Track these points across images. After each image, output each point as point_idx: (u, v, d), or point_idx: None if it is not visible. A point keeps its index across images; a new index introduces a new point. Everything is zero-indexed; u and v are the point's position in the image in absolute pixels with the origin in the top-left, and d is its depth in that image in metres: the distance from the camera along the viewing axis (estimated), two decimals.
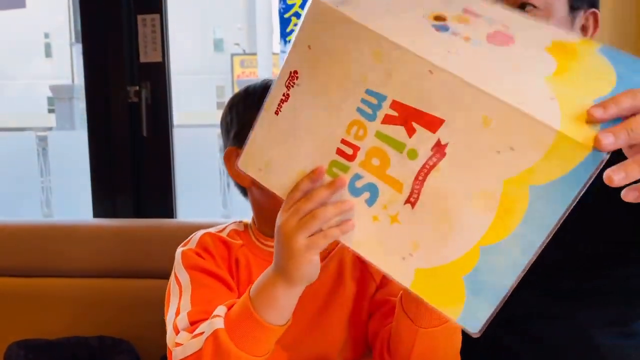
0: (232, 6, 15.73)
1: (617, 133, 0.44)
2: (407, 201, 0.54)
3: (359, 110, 0.55)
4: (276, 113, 0.59)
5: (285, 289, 0.60)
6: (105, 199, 1.45)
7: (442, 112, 0.51)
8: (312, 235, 0.57)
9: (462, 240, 0.52)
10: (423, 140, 0.52)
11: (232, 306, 0.64)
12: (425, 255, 0.54)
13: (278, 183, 0.60)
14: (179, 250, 0.76)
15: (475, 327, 0.53)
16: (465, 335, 0.81)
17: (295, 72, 0.57)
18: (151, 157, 1.44)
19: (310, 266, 0.58)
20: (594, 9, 0.85)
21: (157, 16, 1.40)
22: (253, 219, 0.80)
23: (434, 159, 0.52)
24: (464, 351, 0.77)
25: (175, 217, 1.46)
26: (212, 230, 0.79)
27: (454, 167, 0.51)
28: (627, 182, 0.45)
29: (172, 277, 0.74)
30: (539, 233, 0.49)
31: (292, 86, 0.58)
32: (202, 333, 0.63)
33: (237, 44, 14.90)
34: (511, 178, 0.48)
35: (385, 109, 0.54)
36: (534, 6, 0.79)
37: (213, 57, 15.66)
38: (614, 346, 0.79)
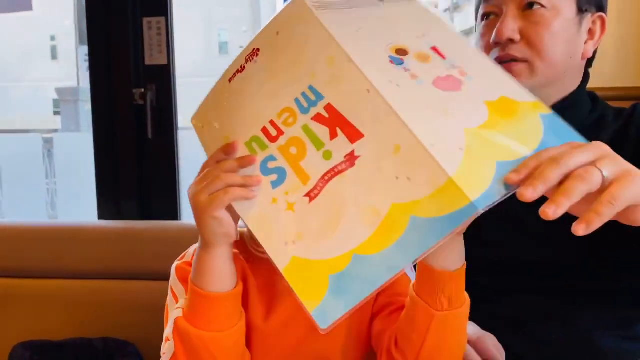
0: (237, 9, 15.77)
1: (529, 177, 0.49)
2: (308, 194, 0.58)
3: (297, 100, 0.60)
4: (229, 80, 0.65)
5: (205, 252, 0.63)
6: (110, 200, 1.46)
7: (364, 129, 0.56)
8: (213, 193, 0.60)
9: (341, 242, 0.56)
10: (340, 146, 0.57)
11: None
12: (305, 247, 0.58)
13: (207, 143, 0.66)
14: (174, 264, 0.77)
15: (324, 323, 0.56)
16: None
17: (258, 49, 0.63)
18: (156, 159, 1.45)
19: (215, 222, 0.61)
20: (601, 13, 0.85)
21: (162, 19, 1.40)
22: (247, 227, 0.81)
23: (344, 166, 0.56)
24: None
25: (180, 219, 1.47)
26: None
27: (357, 178, 0.56)
28: (561, 213, 0.49)
29: (169, 292, 0.75)
30: (404, 259, 0.53)
31: (251, 61, 0.63)
32: (169, 333, 0.66)
33: (242, 47, 14.91)
34: (399, 203, 0.53)
35: (319, 108, 0.58)
36: (542, 5, 0.80)
37: (218, 60, 15.70)
38: (618, 349, 0.78)
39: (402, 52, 0.62)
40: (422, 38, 0.64)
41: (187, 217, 1.49)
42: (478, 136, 0.54)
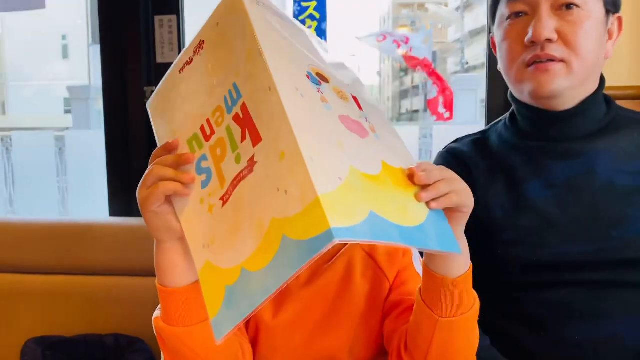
0: None
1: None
2: (222, 198, 0.58)
3: (225, 99, 0.59)
4: (180, 71, 0.65)
5: (156, 247, 0.64)
6: (121, 198, 1.46)
7: (263, 131, 0.54)
8: (150, 187, 0.60)
9: (236, 254, 0.55)
10: (246, 150, 0.56)
11: None
12: (216, 251, 0.57)
13: (159, 133, 0.67)
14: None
15: (219, 334, 0.54)
16: (486, 334, 0.80)
17: (203, 42, 0.63)
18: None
19: (155, 217, 0.61)
20: (618, 14, 0.86)
21: (174, 17, 1.41)
22: None
23: (246, 172, 0.55)
24: (486, 351, 0.77)
25: None
26: None
27: (253, 186, 0.54)
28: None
29: None
30: (274, 282, 0.50)
31: (197, 54, 0.63)
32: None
33: None
34: (277, 218, 0.51)
35: (238, 108, 0.57)
36: (578, 6, 0.80)
37: None
38: None
39: (322, 77, 0.61)
40: (346, 85, 0.64)
41: None
42: (362, 179, 0.53)
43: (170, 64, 1.52)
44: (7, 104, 16.89)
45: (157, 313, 0.66)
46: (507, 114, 0.94)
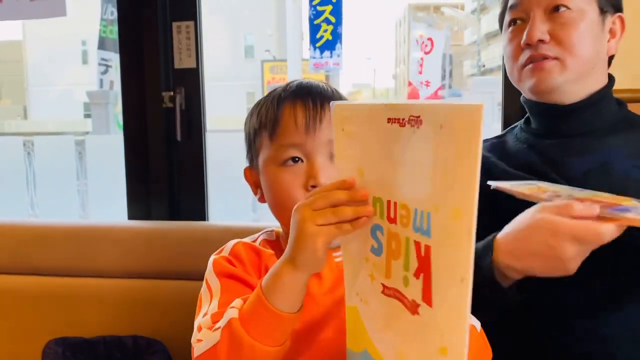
0: (263, 13, 15.89)
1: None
2: (384, 285, 0.58)
3: (415, 212, 0.53)
4: (388, 121, 0.56)
5: (291, 274, 0.62)
6: (140, 201, 1.48)
7: (436, 302, 0.52)
8: (323, 224, 0.59)
9: (379, 342, 0.59)
10: (415, 289, 0.53)
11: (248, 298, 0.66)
12: (365, 312, 0.61)
13: (340, 149, 0.62)
14: (212, 258, 0.78)
15: None
16: (515, 332, 0.80)
17: (421, 121, 0.52)
18: (185, 161, 1.47)
19: (313, 253, 0.60)
20: (620, 13, 0.90)
21: (191, 23, 1.42)
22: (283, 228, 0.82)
23: (407, 303, 0.54)
24: (516, 347, 0.76)
25: (207, 220, 1.49)
26: (245, 239, 0.81)
27: (409, 329, 0.54)
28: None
29: (204, 284, 0.76)
30: None
31: (412, 125, 0.53)
32: (219, 327, 0.65)
33: (268, 51, 15.03)
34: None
35: (423, 240, 0.52)
36: (568, 7, 0.85)
37: (244, 64, 15.82)
38: None
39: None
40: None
41: (214, 217, 1.52)
42: None
43: (188, 69, 1.55)
44: (29, 109, 17.19)
45: (234, 313, 0.65)
46: (522, 119, 0.99)
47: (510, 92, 1.32)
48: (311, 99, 0.75)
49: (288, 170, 0.73)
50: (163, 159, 1.46)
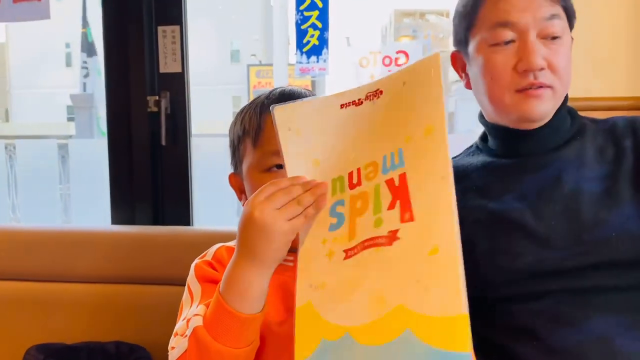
0: (249, 18, 15.88)
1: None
2: (346, 251, 0.58)
3: (384, 158, 0.58)
4: (341, 106, 0.63)
5: (259, 275, 0.63)
6: (124, 206, 1.47)
7: (418, 214, 0.54)
8: (291, 219, 0.60)
9: (343, 313, 0.56)
10: (391, 220, 0.56)
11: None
12: (322, 298, 0.59)
13: (288, 148, 0.64)
14: (194, 262, 0.78)
15: None
16: (479, 350, 0.81)
17: (381, 92, 0.61)
18: (169, 166, 1.46)
19: (284, 248, 0.62)
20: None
21: (177, 27, 1.42)
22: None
23: (382, 240, 0.56)
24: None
25: (192, 225, 1.48)
26: (228, 243, 0.81)
27: (387, 261, 0.55)
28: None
29: (185, 288, 0.76)
30: None
31: (370, 100, 0.61)
32: (187, 335, 0.66)
33: (254, 55, 15.02)
34: (405, 308, 0.52)
35: (396, 174, 0.57)
36: (559, 37, 0.84)
37: (230, 68, 15.79)
38: (637, 352, 0.77)
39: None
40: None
41: (199, 222, 1.51)
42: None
43: (173, 74, 1.55)
44: (12, 112, 16.94)
45: (198, 321, 0.65)
46: (478, 138, 0.98)
47: None
48: None
49: (271, 177, 0.74)
50: (147, 163, 1.45)
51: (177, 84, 1.44)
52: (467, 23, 0.89)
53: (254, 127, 0.77)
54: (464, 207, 0.86)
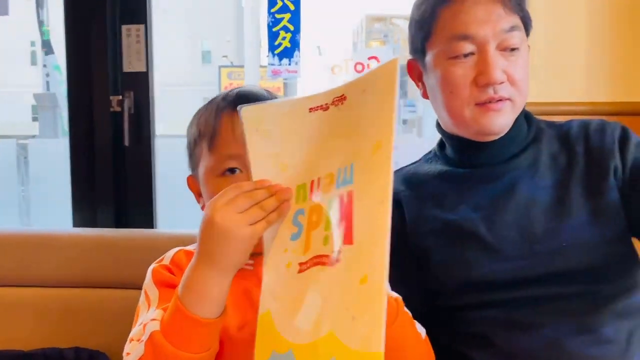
0: (221, 19, 15.79)
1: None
2: (301, 264, 0.58)
3: (339, 171, 0.57)
4: (310, 110, 0.61)
5: (220, 280, 0.62)
6: (86, 208, 1.44)
7: (357, 237, 0.53)
8: (253, 223, 0.59)
9: (291, 328, 0.56)
10: (336, 239, 0.55)
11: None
12: (278, 309, 0.59)
13: (254, 149, 0.62)
14: (151, 266, 0.77)
15: None
16: (438, 356, 0.82)
17: (345, 97, 0.59)
18: (132, 167, 1.44)
19: (245, 254, 0.61)
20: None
21: (141, 27, 1.40)
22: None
23: (327, 260, 0.55)
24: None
25: (155, 228, 1.46)
26: (187, 247, 0.80)
27: (328, 283, 0.54)
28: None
29: (142, 293, 0.75)
30: None
31: (335, 105, 0.59)
32: (143, 340, 0.64)
33: (225, 56, 14.93)
34: (334, 336, 0.53)
35: (345, 190, 0.56)
36: (518, 49, 0.84)
37: (201, 69, 15.66)
38: (587, 354, 0.79)
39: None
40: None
41: (163, 225, 1.49)
42: None
43: (138, 73, 1.53)
44: None
45: (155, 326, 0.64)
46: (436, 145, 0.97)
47: None
48: None
49: (228, 181, 0.73)
50: (110, 164, 1.43)
51: (141, 84, 1.42)
52: (424, 33, 0.87)
53: (210, 130, 0.76)
54: (419, 216, 0.88)
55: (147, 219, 1.44)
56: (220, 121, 0.75)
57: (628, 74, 1.25)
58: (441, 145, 0.96)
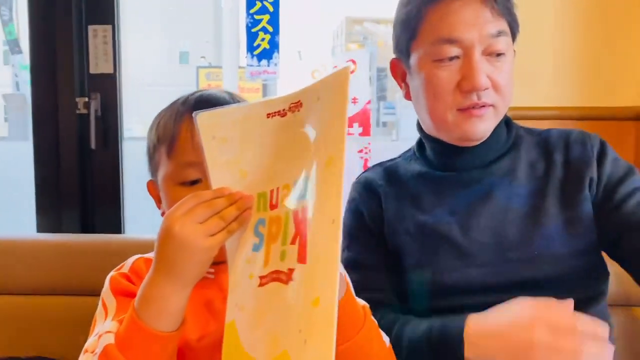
0: (200, 19, 15.69)
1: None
2: (261, 278, 0.56)
3: (296, 183, 0.55)
4: (268, 116, 0.59)
5: (178, 292, 0.60)
6: (51, 213, 1.41)
7: (310, 257, 0.52)
8: (213, 234, 0.58)
9: (253, 343, 0.56)
10: (291, 257, 0.54)
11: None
12: (242, 320, 0.58)
13: (213, 156, 0.60)
14: (110, 275, 0.74)
15: None
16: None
17: (301, 104, 0.57)
18: (99, 171, 1.41)
19: (205, 265, 0.59)
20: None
21: (109, 27, 1.38)
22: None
23: (283, 277, 0.54)
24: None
25: (124, 233, 1.43)
26: (147, 255, 0.78)
27: (282, 302, 0.53)
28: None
29: (99, 302, 0.72)
30: None
31: (292, 112, 0.58)
32: (97, 353, 0.62)
33: (203, 57, 14.83)
34: (288, 356, 0.52)
35: (300, 205, 0.54)
36: (504, 54, 0.82)
37: (179, 69, 15.53)
38: None
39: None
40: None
41: (132, 230, 1.46)
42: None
43: (105, 75, 1.50)
44: None
45: (109, 339, 0.61)
46: (416, 143, 0.96)
47: None
48: None
49: (187, 190, 0.71)
50: (76, 167, 1.40)
51: (108, 85, 1.39)
52: (409, 34, 0.85)
53: (168, 136, 0.73)
54: (397, 214, 0.87)
55: (114, 224, 1.41)
56: (179, 127, 0.73)
57: (594, 80, 1.27)
58: (420, 145, 0.95)
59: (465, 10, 0.80)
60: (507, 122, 0.91)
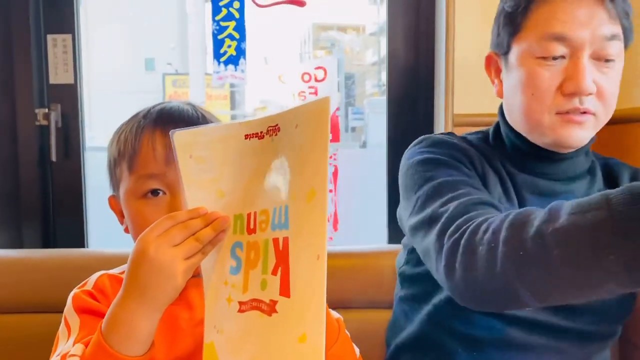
0: (165, 26, 15.51)
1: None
2: (240, 303, 0.56)
3: (274, 210, 0.55)
4: (246, 137, 0.58)
5: (149, 317, 0.59)
6: (10, 228, 1.36)
7: (294, 291, 0.52)
8: (189, 257, 0.57)
9: None
10: (272, 287, 0.53)
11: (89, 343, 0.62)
12: (222, 344, 0.57)
13: (189, 175, 0.60)
14: (72, 292, 0.73)
15: None
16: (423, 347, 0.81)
17: (278, 129, 0.56)
18: (61, 183, 1.38)
19: (178, 290, 0.58)
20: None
21: (68, 36, 1.35)
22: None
23: (265, 308, 0.54)
24: None
25: (87, 247, 1.39)
26: (112, 271, 0.76)
27: (265, 333, 0.53)
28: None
29: (62, 321, 0.70)
30: None
31: (270, 135, 0.57)
32: None
33: (170, 64, 14.67)
34: None
35: (280, 235, 0.54)
36: (614, 60, 0.78)
37: (144, 77, 15.32)
38: None
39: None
40: None
41: (95, 244, 1.42)
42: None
43: (65, 85, 1.46)
44: None
45: None
46: (490, 133, 0.88)
47: (394, 113, 1.38)
48: (173, 126, 0.69)
49: (149, 204, 0.69)
50: (36, 180, 1.36)
51: (69, 96, 1.36)
52: (513, 27, 0.79)
53: (130, 150, 0.72)
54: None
55: (77, 238, 1.38)
56: (140, 141, 0.72)
57: None
58: (496, 137, 0.87)
59: (580, 8, 0.74)
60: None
